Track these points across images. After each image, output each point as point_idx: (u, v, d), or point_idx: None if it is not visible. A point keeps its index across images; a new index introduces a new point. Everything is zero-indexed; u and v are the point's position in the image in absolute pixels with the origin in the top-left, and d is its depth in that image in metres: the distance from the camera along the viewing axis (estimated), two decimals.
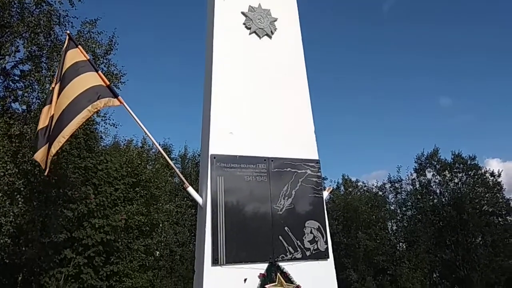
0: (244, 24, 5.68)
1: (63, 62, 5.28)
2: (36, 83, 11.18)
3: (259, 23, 5.73)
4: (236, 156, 5.08)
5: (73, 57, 5.31)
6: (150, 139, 5.41)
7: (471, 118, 51.52)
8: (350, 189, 27.67)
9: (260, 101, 5.47)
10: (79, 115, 4.95)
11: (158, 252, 16.19)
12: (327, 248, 5.16)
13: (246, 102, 5.41)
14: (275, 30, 5.80)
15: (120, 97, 5.21)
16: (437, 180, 26.79)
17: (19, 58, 11.82)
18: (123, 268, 11.90)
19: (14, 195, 10.04)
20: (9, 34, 11.12)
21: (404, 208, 27.00)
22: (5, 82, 11.92)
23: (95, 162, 12.12)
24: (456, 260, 24.03)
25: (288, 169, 5.26)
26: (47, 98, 5.44)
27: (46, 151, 4.95)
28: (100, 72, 5.33)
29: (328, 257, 5.16)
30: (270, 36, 5.76)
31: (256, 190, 5.03)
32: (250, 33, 5.68)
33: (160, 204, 15.07)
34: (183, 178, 5.39)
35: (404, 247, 25.32)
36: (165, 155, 5.77)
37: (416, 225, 25.13)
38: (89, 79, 5.17)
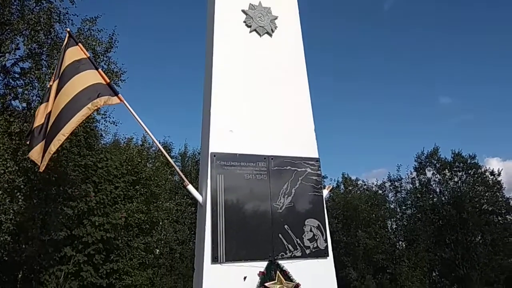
0: (244, 22, 5.67)
1: (62, 60, 5.27)
2: (36, 81, 11.18)
3: (259, 21, 5.72)
4: (236, 154, 5.07)
5: (73, 55, 5.30)
6: (150, 137, 5.41)
7: (471, 117, 51.54)
8: (350, 188, 27.70)
9: (260, 99, 5.46)
10: (79, 113, 4.95)
11: (158, 250, 16.21)
12: (326, 246, 5.17)
13: (246, 100, 5.41)
14: (275, 28, 5.79)
15: (120, 95, 5.21)
16: (437, 179, 26.83)
17: (19, 56, 11.83)
18: (123, 266, 11.91)
19: (14, 193, 10.05)
20: (9, 31, 11.11)
21: (404, 207, 27.04)
22: (5, 80, 11.92)
23: (95, 160, 12.12)
24: (455, 259, 24.06)
25: (288, 168, 5.26)
26: (44, 95, 5.43)
27: (43, 148, 4.93)
28: (100, 70, 5.32)
29: (328, 255, 5.16)
30: (271, 34, 5.75)
31: (256, 188, 5.03)
32: (250, 31, 5.67)
33: (160, 202, 15.08)
34: (183, 176, 5.39)
35: (404, 245, 25.36)
36: (165, 153, 5.77)
37: (416, 223, 25.16)
38: (89, 77, 5.16)
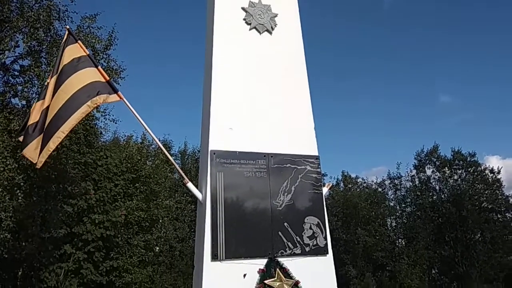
0: (244, 19, 5.66)
1: (61, 57, 5.25)
2: (36, 78, 11.17)
3: (259, 19, 5.71)
4: (236, 152, 5.08)
5: (73, 52, 5.28)
6: (150, 135, 5.41)
7: (471, 116, 51.54)
8: (350, 186, 27.71)
9: (260, 96, 5.46)
10: (79, 110, 4.94)
11: (157, 248, 16.22)
12: (326, 244, 5.18)
13: (246, 98, 5.40)
14: (275, 25, 5.79)
15: (120, 92, 5.21)
16: (436, 177, 26.85)
17: (19, 53, 11.82)
18: (123, 263, 11.92)
19: (14, 190, 10.06)
20: (8, 29, 11.09)
21: (403, 205, 27.06)
22: (4, 77, 11.91)
23: (95, 158, 12.11)
24: (455, 257, 24.11)
25: (288, 165, 5.27)
26: (41, 93, 5.40)
27: (40, 145, 4.91)
28: (100, 68, 5.32)
29: (327, 253, 5.17)
30: (271, 32, 5.75)
31: (255, 186, 5.04)
32: (250, 29, 5.66)
33: (160, 200, 15.08)
34: (183, 174, 5.39)
35: (403, 243, 25.40)
36: (165, 151, 5.78)
37: (415, 221, 25.19)
38: (89, 75, 5.15)
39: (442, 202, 25.75)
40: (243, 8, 5.67)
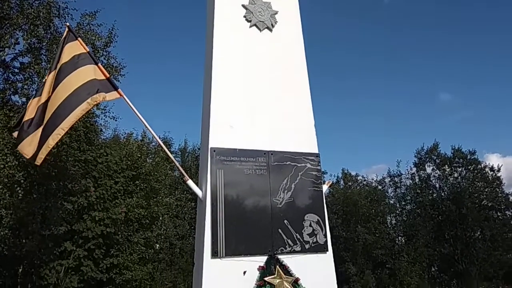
0: (244, 17, 5.66)
1: (61, 54, 5.23)
2: (36, 76, 11.17)
3: (259, 16, 5.70)
4: (236, 149, 5.08)
5: (73, 49, 5.27)
6: (150, 132, 5.40)
7: (472, 114, 51.46)
8: (350, 183, 27.72)
9: (260, 94, 5.46)
10: (79, 108, 4.94)
11: (158, 245, 16.23)
12: (326, 241, 5.19)
13: (246, 95, 5.40)
14: (275, 23, 5.78)
15: (120, 89, 5.20)
16: (436, 175, 26.86)
17: (19, 50, 11.81)
18: (123, 260, 11.92)
19: (14, 187, 10.06)
20: (8, 26, 11.07)
21: (403, 202, 27.08)
22: (4, 75, 11.90)
23: (95, 155, 12.10)
24: (454, 254, 24.14)
25: (288, 163, 5.27)
26: (38, 90, 5.39)
27: (38, 141, 4.89)
28: (100, 65, 5.31)
29: (327, 250, 5.18)
30: (271, 29, 5.74)
31: (255, 184, 5.04)
32: (250, 26, 5.66)
33: (160, 197, 15.08)
34: (183, 171, 5.39)
35: (403, 241, 25.42)
36: (165, 148, 5.77)
37: (415, 219, 25.21)
38: (89, 72, 5.15)
39: (442, 200, 25.77)
40: (243, 6, 5.66)
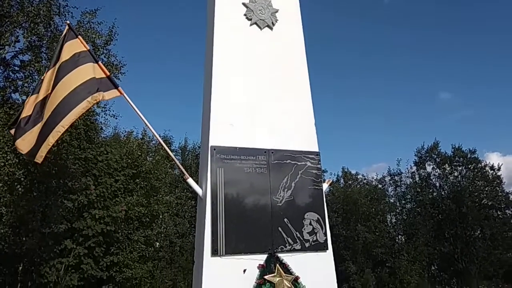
0: (245, 15, 5.64)
1: (60, 52, 5.22)
2: (36, 73, 11.18)
3: (260, 14, 5.69)
4: (236, 148, 5.08)
5: (73, 47, 5.27)
6: (151, 131, 5.40)
7: (472, 113, 51.40)
8: (350, 182, 27.71)
9: (260, 92, 5.45)
10: (79, 106, 4.93)
11: (158, 243, 16.25)
12: (326, 239, 5.18)
13: (247, 93, 5.40)
14: (276, 21, 5.77)
15: (120, 87, 5.20)
16: (436, 173, 26.84)
17: (19, 48, 11.83)
18: (123, 258, 11.93)
19: (14, 185, 10.07)
20: (9, 24, 11.08)
21: (403, 201, 27.08)
22: (5, 72, 11.92)
23: (95, 153, 12.10)
24: (454, 253, 24.15)
25: (288, 161, 5.27)
26: (36, 87, 5.39)
27: (36, 138, 4.88)
28: (100, 63, 5.30)
29: (327, 249, 5.18)
30: (271, 28, 5.73)
31: (256, 182, 5.04)
32: (251, 25, 5.65)
33: (160, 196, 15.09)
34: (183, 170, 5.39)
35: (403, 239, 25.43)
36: (166, 147, 5.76)
37: (415, 218, 25.21)
38: (89, 71, 5.14)
39: (442, 199, 25.77)
40: (243, 4, 5.65)
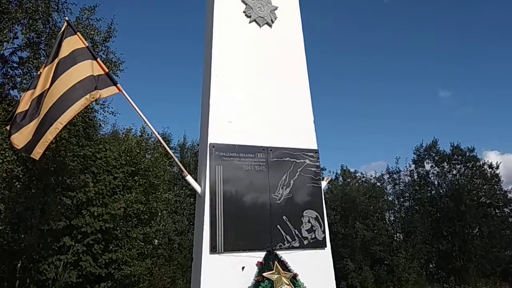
0: (244, 12, 5.64)
1: (59, 49, 5.20)
2: (35, 70, 11.14)
3: (259, 12, 5.69)
4: (235, 145, 5.08)
5: (71, 44, 5.25)
6: (149, 128, 5.40)
7: (471, 111, 51.42)
8: (349, 180, 27.69)
9: (259, 90, 5.45)
10: (77, 103, 4.92)
11: (156, 241, 16.23)
12: (324, 237, 5.20)
13: (246, 90, 5.40)
14: (275, 18, 5.77)
15: (119, 84, 5.19)
16: (435, 172, 26.83)
17: (18, 45, 11.79)
18: (122, 256, 11.93)
19: (13, 182, 10.06)
20: (7, 20, 11.04)
21: (402, 199, 27.10)
22: (3, 69, 11.89)
23: (94, 151, 12.09)
24: (452, 251, 24.18)
25: (287, 159, 5.27)
26: (32, 82, 5.37)
27: (32, 134, 4.87)
28: (98, 60, 5.29)
29: (326, 246, 5.20)
30: (270, 25, 5.73)
31: (254, 180, 5.05)
32: (250, 22, 5.64)
33: (159, 193, 15.07)
34: (182, 167, 5.39)
35: (401, 237, 25.45)
36: (164, 144, 5.76)
37: (414, 216, 25.22)
38: (88, 68, 5.13)
39: (440, 197, 25.79)
40: (243, 1, 5.65)
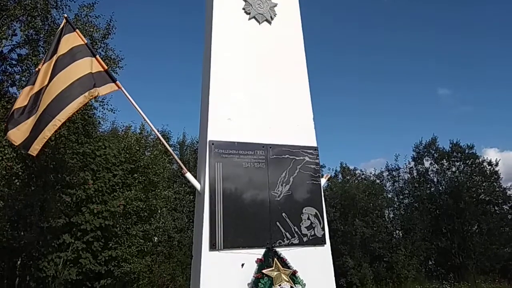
0: (243, 9, 5.63)
1: (57, 45, 5.18)
2: (34, 67, 11.11)
3: (258, 8, 5.67)
4: (234, 142, 5.08)
5: (70, 41, 5.23)
6: (149, 125, 5.39)
7: (470, 108, 51.37)
8: (348, 177, 27.71)
9: (259, 87, 5.44)
10: (76, 101, 4.91)
11: (156, 238, 16.25)
12: (324, 234, 5.21)
13: (245, 88, 5.39)
14: (274, 15, 5.75)
15: (118, 81, 5.18)
16: (434, 169, 26.83)
17: (16, 42, 11.76)
18: (122, 253, 11.93)
19: (12, 180, 10.06)
20: (5, 17, 11.01)
21: (401, 196, 27.12)
22: (2, 66, 11.86)
23: (93, 148, 12.07)
24: (451, 248, 24.22)
25: (287, 156, 5.27)
26: (30, 79, 5.35)
27: (30, 130, 4.85)
28: (97, 57, 5.28)
29: (325, 243, 5.20)
30: (270, 22, 5.71)
31: (254, 177, 5.05)
32: (249, 19, 5.63)
33: (159, 190, 15.07)
34: (181, 164, 5.39)
35: (401, 234, 25.48)
36: (164, 141, 5.75)
37: (413, 213, 25.25)
38: (87, 65, 5.11)
39: (439, 194, 25.81)
40: None
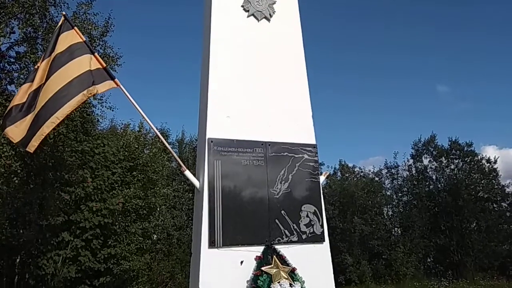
0: (242, 6, 5.61)
1: (55, 43, 5.17)
2: (32, 65, 11.08)
3: (257, 6, 5.66)
4: (233, 140, 5.08)
5: (69, 39, 5.22)
6: (148, 123, 5.39)
7: (469, 106, 51.42)
8: (347, 175, 27.76)
9: (257, 84, 5.44)
10: (74, 99, 4.89)
11: (155, 236, 16.25)
12: (323, 231, 5.22)
13: (244, 85, 5.38)
14: (273, 13, 5.74)
15: (116, 79, 5.17)
16: (433, 166, 26.89)
17: (14, 40, 11.72)
18: (121, 251, 11.93)
19: (11, 178, 10.05)
20: (3, 15, 10.97)
21: (400, 194, 27.19)
22: (0, 64, 11.82)
23: (92, 146, 12.05)
24: (450, 245, 24.29)
25: (285, 154, 5.28)
26: (29, 76, 5.34)
27: (28, 127, 4.84)
28: (96, 54, 5.26)
29: (324, 241, 5.21)
30: (269, 19, 5.70)
31: (253, 174, 5.05)
32: (248, 16, 5.62)
33: (158, 188, 15.06)
34: (180, 162, 5.39)
35: (399, 232, 25.54)
36: (163, 139, 5.75)
37: (412, 210, 25.31)
38: (85, 63, 5.10)
39: (438, 192, 25.87)
40: None
